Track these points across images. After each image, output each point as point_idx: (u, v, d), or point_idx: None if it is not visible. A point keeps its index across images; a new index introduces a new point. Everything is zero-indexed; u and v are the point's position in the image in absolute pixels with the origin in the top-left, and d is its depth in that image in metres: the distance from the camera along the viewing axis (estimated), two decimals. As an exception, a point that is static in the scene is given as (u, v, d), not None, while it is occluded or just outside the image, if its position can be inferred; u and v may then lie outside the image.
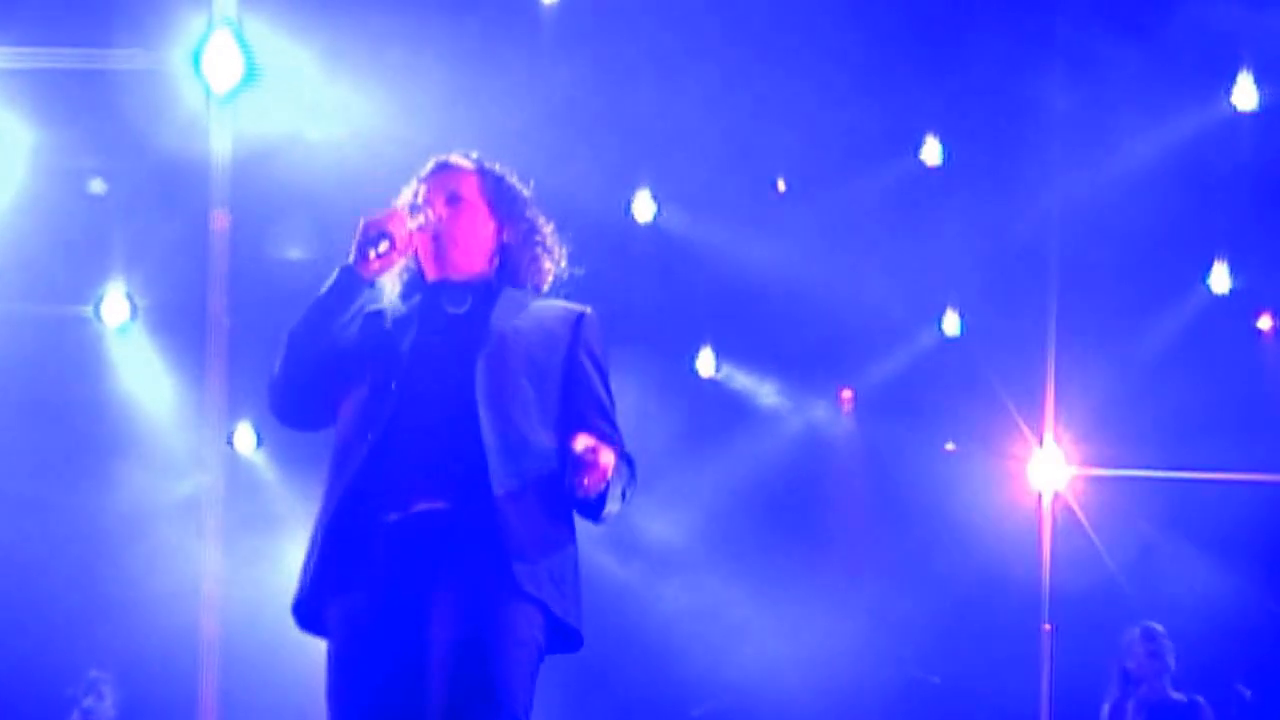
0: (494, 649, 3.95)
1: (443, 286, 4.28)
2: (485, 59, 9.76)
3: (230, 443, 11.05)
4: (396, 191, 9.24)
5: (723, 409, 12.31)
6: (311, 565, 4.13)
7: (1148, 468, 11.68)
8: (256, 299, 10.05)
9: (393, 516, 4.04)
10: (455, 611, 3.98)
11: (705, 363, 12.24)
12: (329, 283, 4.18)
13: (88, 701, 9.49)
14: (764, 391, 12.45)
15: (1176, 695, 9.26)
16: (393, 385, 4.07)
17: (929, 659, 11.73)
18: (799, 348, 12.05)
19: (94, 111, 9.71)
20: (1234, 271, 11.40)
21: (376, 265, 4.16)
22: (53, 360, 10.71)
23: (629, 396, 10.35)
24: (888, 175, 11.09)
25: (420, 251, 4.28)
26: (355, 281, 4.16)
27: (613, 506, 4.10)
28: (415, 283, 4.34)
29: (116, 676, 9.71)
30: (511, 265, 4.37)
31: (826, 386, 12.63)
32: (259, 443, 11.46)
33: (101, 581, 10.68)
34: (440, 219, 4.26)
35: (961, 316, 11.96)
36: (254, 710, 10.05)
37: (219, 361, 8.93)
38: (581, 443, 3.94)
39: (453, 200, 4.32)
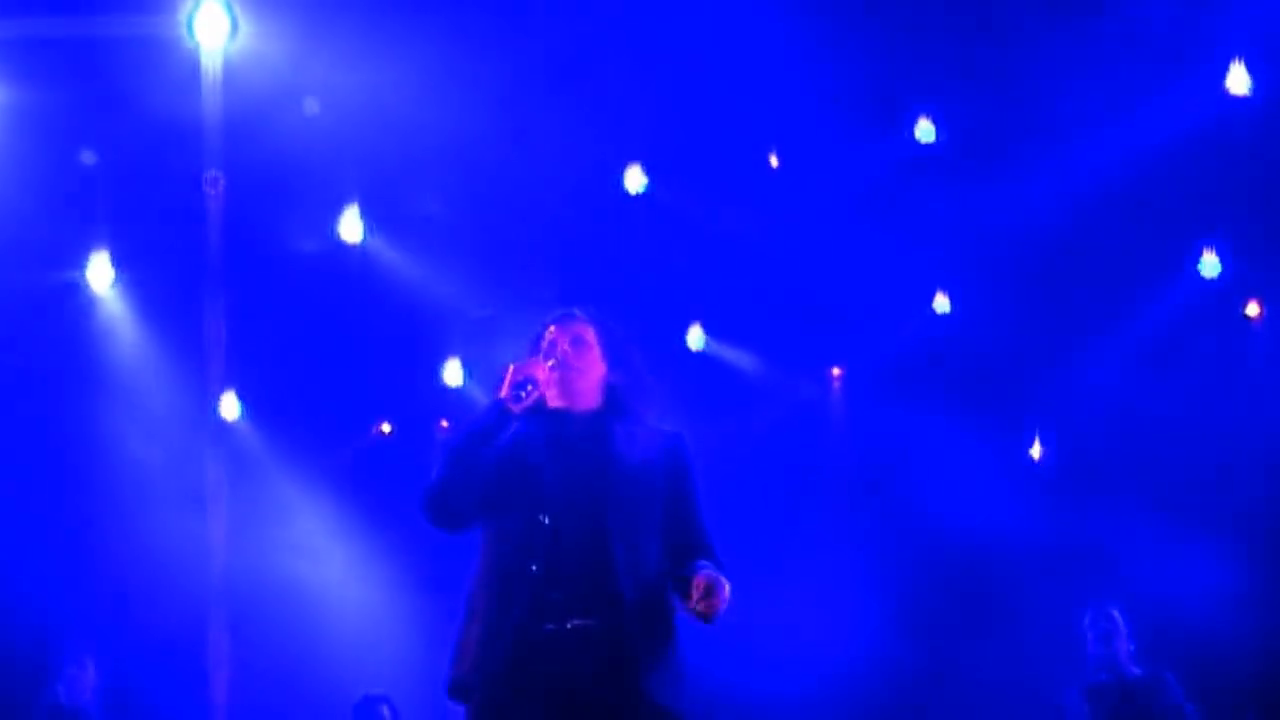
0: None
1: (565, 415, 5.24)
2: (477, 32, 9.75)
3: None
4: (391, 163, 9.26)
5: (712, 384, 12.31)
6: (481, 658, 5.00)
7: (1136, 450, 11.72)
8: (248, 272, 10.08)
9: (550, 627, 4.96)
10: (593, 708, 4.94)
11: (695, 337, 12.24)
12: (483, 414, 5.16)
13: (71, 669, 9.50)
14: (753, 367, 12.46)
15: (1136, 671, 9.30)
16: (544, 518, 5.02)
17: (916, 638, 11.76)
18: (789, 324, 12.05)
19: (84, 77, 9.68)
20: (1223, 257, 11.40)
21: (523, 404, 5.12)
22: (39, 326, 10.70)
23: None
24: (880, 153, 11.08)
25: (551, 386, 5.23)
26: (507, 416, 5.13)
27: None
28: (538, 407, 5.21)
29: (105, 644, 9.73)
30: (618, 399, 5.30)
31: (816, 363, 12.64)
32: (242, 411, 11.45)
33: (91, 550, 10.71)
34: (567, 355, 5.24)
35: (952, 296, 11.96)
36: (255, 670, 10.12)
37: (216, 329, 8.96)
38: (701, 586, 4.90)
39: (576, 342, 5.30)
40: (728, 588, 4.95)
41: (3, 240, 10.26)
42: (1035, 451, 12.44)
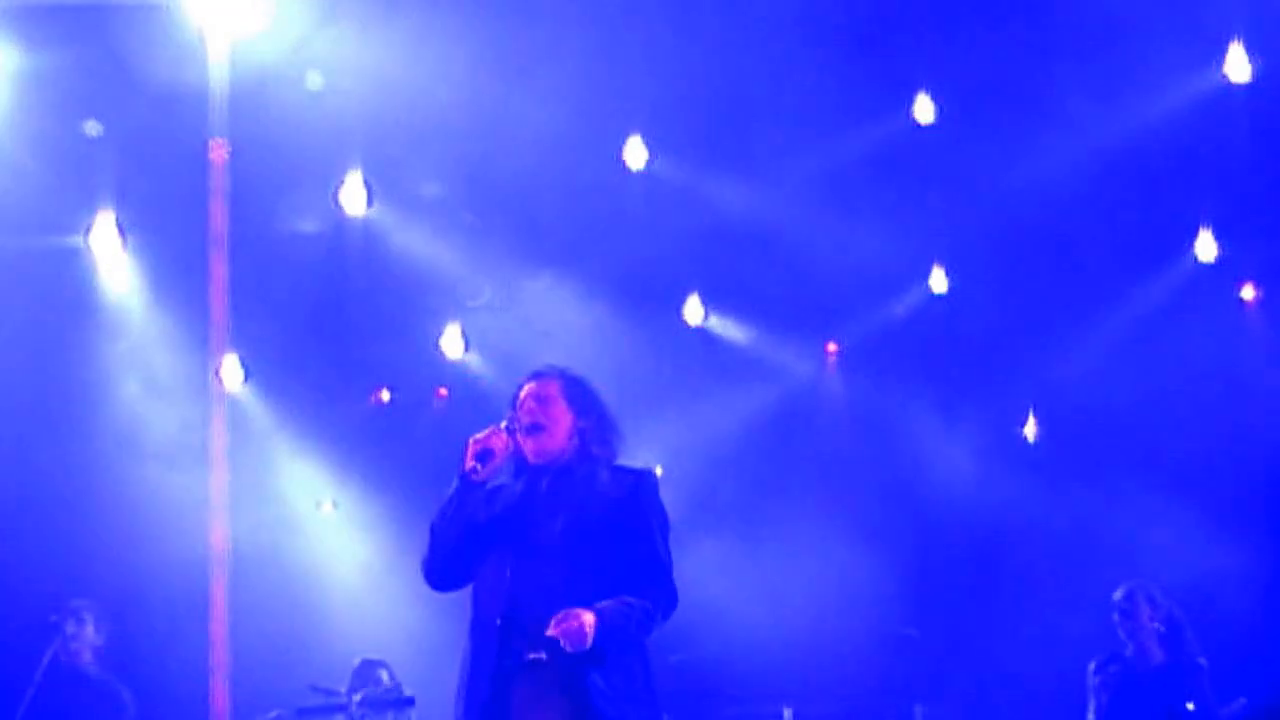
0: None
1: (540, 469, 5.79)
2: (480, 5, 9.79)
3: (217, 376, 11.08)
4: (393, 134, 9.24)
5: (709, 358, 12.34)
6: (461, 697, 5.66)
7: (1130, 429, 11.75)
8: (251, 239, 10.13)
9: (511, 664, 5.53)
10: None
11: (693, 311, 12.27)
12: (452, 489, 5.71)
13: (70, 628, 9.51)
14: (750, 341, 12.48)
15: (1159, 656, 9.30)
16: (507, 571, 5.61)
17: (912, 614, 11.80)
18: (786, 299, 12.07)
19: (90, 45, 9.72)
20: (1220, 240, 11.44)
21: (484, 474, 5.70)
22: (44, 290, 10.75)
23: (617, 345, 10.39)
24: (879, 131, 11.11)
25: (520, 443, 5.76)
26: (472, 486, 5.71)
27: (625, 636, 5.56)
28: (520, 464, 5.82)
29: (105, 605, 9.77)
30: (586, 445, 5.83)
31: (812, 339, 12.66)
32: (246, 377, 11.49)
33: (93, 511, 10.76)
34: (532, 414, 5.77)
35: (948, 274, 11.99)
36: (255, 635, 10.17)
37: (219, 295, 8.99)
38: (553, 625, 5.42)
39: (542, 400, 5.83)
40: (580, 620, 5.44)
41: (9, 205, 10.31)
42: (1030, 430, 12.48)
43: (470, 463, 5.68)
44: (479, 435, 5.71)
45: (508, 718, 5.54)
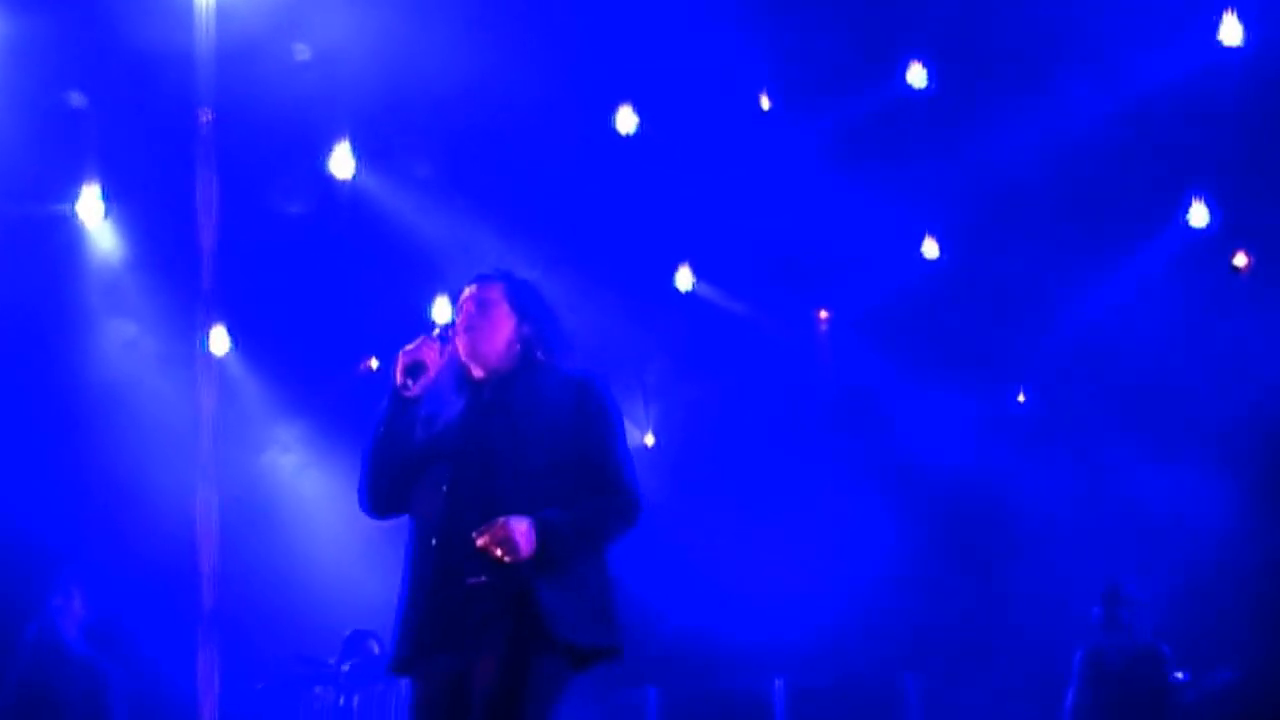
0: (519, 696, 4.98)
1: (481, 382, 5.29)
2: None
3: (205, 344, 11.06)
4: (381, 100, 9.21)
5: (700, 324, 12.34)
6: (400, 628, 5.24)
7: (1124, 396, 11.79)
8: (238, 206, 10.10)
9: (450, 589, 5.07)
10: (492, 667, 5.01)
11: (684, 278, 12.26)
12: (384, 407, 5.23)
13: (56, 601, 9.48)
14: (740, 308, 12.49)
15: (1137, 644, 9.40)
16: (444, 489, 5.12)
17: (902, 583, 11.83)
18: (777, 265, 12.08)
19: (77, 11, 9.67)
20: (1212, 207, 11.43)
21: (417, 389, 5.20)
22: (30, 258, 10.71)
23: (607, 312, 10.34)
24: (873, 97, 11.09)
25: (460, 352, 5.28)
26: (403, 403, 5.22)
27: (571, 543, 5.03)
28: (462, 379, 5.32)
29: (92, 577, 9.74)
30: (529, 352, 5.31)
31: (803, 306, 12.67)
32: (233, 345, 11.47)
33: (79, 482, 10.75)
34: (471, 317, 5.27)
35: (940, 241, 11.98)
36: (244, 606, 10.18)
37: (207, 266, 8.98)
38: (479, 536, 4.95)
39: (481, 304, 5.32)
40: (509, 528, 4.95)
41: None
42: (1023, 397, 12.51)
43: (400, 378, 5.19)
44: (409, 346, 5.22)
45: (452, 648, 5.06)
